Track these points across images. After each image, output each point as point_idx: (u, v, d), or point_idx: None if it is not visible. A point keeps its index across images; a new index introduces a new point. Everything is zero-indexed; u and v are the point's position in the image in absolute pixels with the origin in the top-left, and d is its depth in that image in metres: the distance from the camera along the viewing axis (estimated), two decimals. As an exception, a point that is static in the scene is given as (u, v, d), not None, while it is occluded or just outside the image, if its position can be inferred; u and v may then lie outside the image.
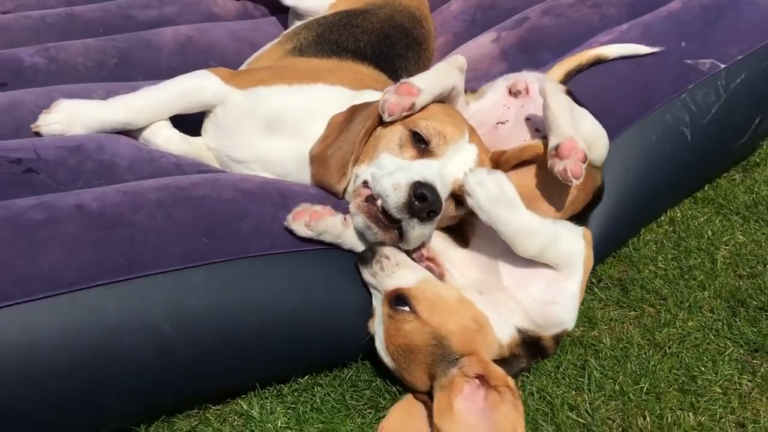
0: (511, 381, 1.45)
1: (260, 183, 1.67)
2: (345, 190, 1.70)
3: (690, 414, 1.51)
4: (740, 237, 2.05)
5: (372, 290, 1.59)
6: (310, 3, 2.57)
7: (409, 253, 1.62)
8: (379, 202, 1.54)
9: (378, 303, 1.57)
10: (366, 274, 1.58)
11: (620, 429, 1.49)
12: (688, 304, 1.81)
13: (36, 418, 1.33)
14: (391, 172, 1.57)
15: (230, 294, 1.43)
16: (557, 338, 1.63)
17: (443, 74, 1.80)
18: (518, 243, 1.52)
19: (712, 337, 1.71)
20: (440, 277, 1.61)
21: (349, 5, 2.44)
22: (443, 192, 1.56)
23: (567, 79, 2.03)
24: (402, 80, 1.71)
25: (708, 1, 2.23)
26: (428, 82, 1.72)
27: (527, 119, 1.84)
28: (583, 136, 1.60)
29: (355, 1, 2.46)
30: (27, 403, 1.31)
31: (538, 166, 1.68)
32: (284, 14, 2.76)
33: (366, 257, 1.57)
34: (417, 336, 1.50)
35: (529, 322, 1.58)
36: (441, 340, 1.49)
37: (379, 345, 1.55)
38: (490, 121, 1.89)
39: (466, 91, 1.93)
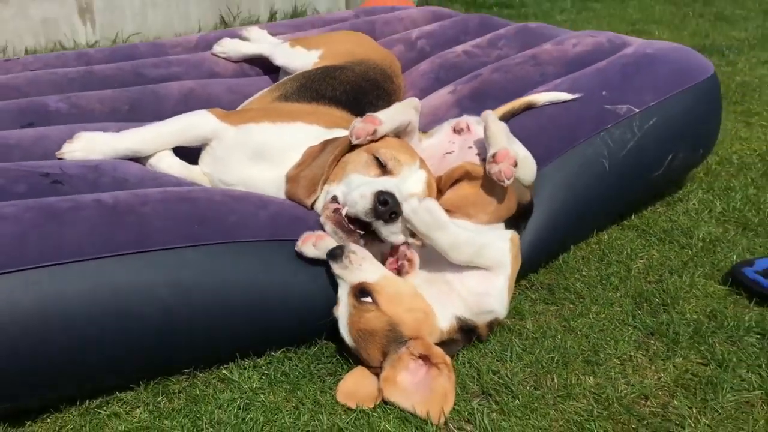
0: (448, 359, 1.78)
1: (245, 192, 2.05)
2: (314, 204, 2.07)
3: (590, 377, 1.84)
4: (655, 253, 2.40)
5: (339, 281, 1.89)
6: (297, 63, 3.00)
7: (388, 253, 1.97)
8: (344, 210, 1.90)
9: (344, 293, 1.87)
10: (336, 268, 1.87)
11: (533, 387, 1.81)
12: (602, 301, 2.14)
13: (53, 363, 1.66)
14: (358, 185, 1.94)
15: (216, 269, 1.78)
16: (491, 325, 1.97)
17: (401, 111, 2.21)
18: (450, 255, 1.86)
19: (617, 324, 2.04)
20: (406, 274, 1.94)
21: (330, 63, 2.87)
22: (402, 200, 1.93)
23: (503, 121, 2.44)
24: (367, 114, 2.12)
25: (629, 60, 2.67)
26: (388, 116, 2.13)
27: (469, 148, 2.24)
28: (515, 156, 1.99)
29: (336, 60, 2.89)
30: (49, 348, 1.64)
31: (467, 182, 2.07)
32: (276, 73, 3.19)
33: (336, 253, 1.87)
34: (376, 322, 1.81)
35: (467, 311, 1.91)
36: (395, 327, 1.81)
37: (343, 328, 1.86)
38: (439, 153, 2.29)
39: (419, 131, 2.34)
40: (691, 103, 2.58)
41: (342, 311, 1.87)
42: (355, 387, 1.83)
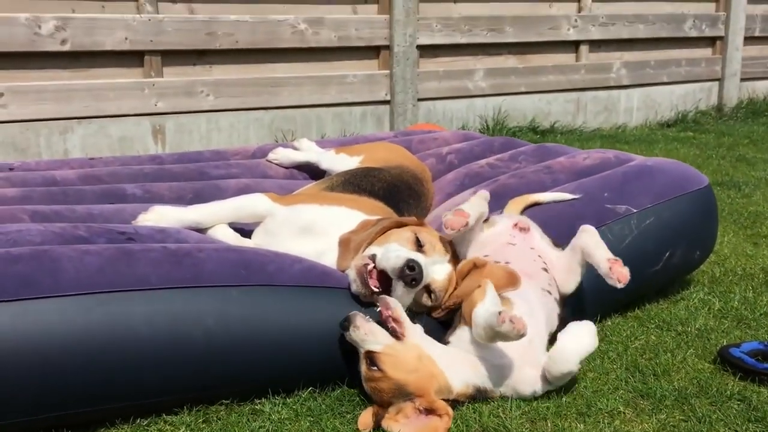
0: (450, 410, 2.04)
1: (284, 252, 2.40)
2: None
3: (581, 425, 2.04)
4: (652, 337, 2.63)
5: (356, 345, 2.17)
6: (340, 167, 3.43)
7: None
8: (371, 265, 2.21)
9: (360, 355, 2.14)
10: (348, 337, 2.14)
11: (528, 429, 2.03)
12: (599, 371, 2.36)
13: (112, 375, 1.96)
14: (396, 250, 2.25)
15: (255, 306, 2.11)
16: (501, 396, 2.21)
17: (479, 204, 2.51)
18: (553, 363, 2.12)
19: (611, 386, 2.25)
20: (402, 336, 2.16)
21: (369, 165, 3.29)
22: (425, 277, 2.23)
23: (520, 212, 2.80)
24: (456, 208, 2.41)
25: (630, 169, 3.02)
26: (473, 209, 2.42)
27: (531, 249, 2.56)
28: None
29: (374, 164, 3.31)
30: (110, 362, 1.95)
31: (476, 271, 2.36)
32: (321, 177, 3.61)
33: (344, 325, 2.13)
34: (383, 384, 2.07)
35: (500, 385, 2.16)
36: (400, 388, 2.06)
37: (363, 380, 2.13)
38: (501, 242, 2.59)
39: None
40: (686, 209, 2.89)
41: (361, 368, 2.14)
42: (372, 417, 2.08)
